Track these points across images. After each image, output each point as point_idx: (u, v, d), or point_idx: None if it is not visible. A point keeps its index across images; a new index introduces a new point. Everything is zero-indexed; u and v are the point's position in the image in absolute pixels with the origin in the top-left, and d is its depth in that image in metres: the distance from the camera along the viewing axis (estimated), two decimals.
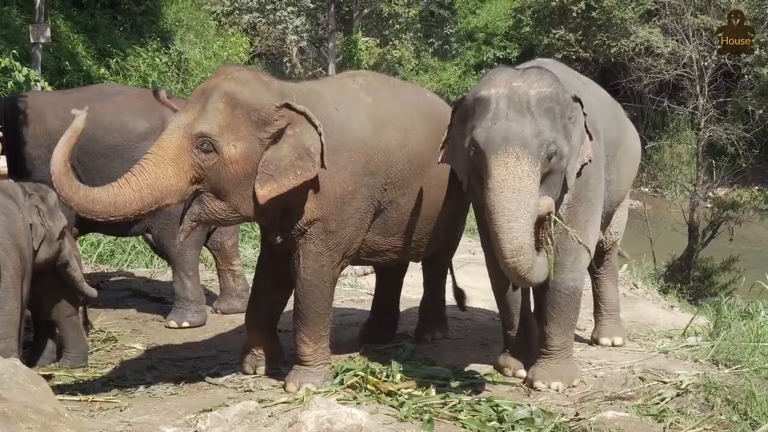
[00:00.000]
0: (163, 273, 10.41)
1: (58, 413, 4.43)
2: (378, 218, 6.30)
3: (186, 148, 5.53)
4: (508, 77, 5.66)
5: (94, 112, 7.40)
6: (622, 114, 7.09)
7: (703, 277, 17.13)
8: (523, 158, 5.35)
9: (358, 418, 4.89)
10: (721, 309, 8.36)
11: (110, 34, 18.67)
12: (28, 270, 6.04)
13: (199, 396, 6.13)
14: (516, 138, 5.39)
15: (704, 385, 5.94)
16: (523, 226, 5.30)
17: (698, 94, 18.80)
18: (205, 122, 5.54)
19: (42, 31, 12.84)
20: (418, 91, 7.21)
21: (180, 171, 5.52)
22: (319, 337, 6.19)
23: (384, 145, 6.15)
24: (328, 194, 5.91)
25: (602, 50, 30.04)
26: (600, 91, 6.92)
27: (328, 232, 5.98)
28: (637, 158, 7.35)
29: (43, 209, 6.29)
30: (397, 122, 6.27)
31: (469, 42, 36.64)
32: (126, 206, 5.41)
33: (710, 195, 19.30)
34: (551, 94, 5.55)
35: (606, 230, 7.00)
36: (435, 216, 6.52)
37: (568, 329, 6.18)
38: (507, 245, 5.30)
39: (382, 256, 6.58)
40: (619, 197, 6.95)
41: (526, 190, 5.33)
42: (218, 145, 5.54)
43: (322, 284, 6.09)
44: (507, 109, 5.50)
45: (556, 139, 5.47)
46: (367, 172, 6.06)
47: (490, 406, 5.72)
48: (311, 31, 31.00)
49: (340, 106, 6.08)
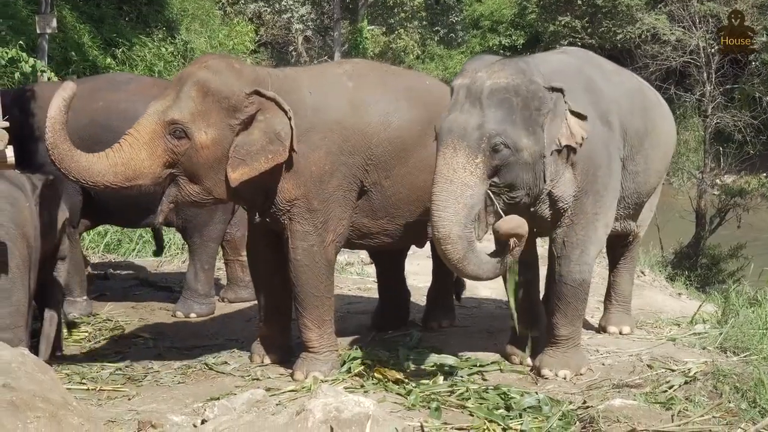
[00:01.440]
0: (170, 262, 10.43)
1: (66, 402, 4.43)
2: (362, 200, 6.38)
3: (159, 133, 5.79)
4: (477, 67, 5.77)
5: (108, 101, 7.39)
6: (652, 105, 6.87)
7: (711, 264, 17.09)
8: (459, 150, 5.48)
9: (365, 406, 4.88)
10: (729, 296, 8.36)
11: (116, 24, 18.67)
12: (35, 260, 6.04)
13: (207, 384, 6.15)
14: (456, 129, 5.52)
15: (712, 373, 5.93)
16: (451, 216, 5.42)
17: (705, 81, 18.77)
18: (178, 110, 5.79)
19: (48, 21, 12.83)
20: (414, 78, 7.23)
21: (153, 155, 5.78)
22: (322, 322, 6.26)
23: (362, 127, 6.25)
24: (304, 173, 6.06)
25: (608, 37, 29.93)
26: (628, 81, 6.76)
27: (311, 211, 6.11)
28: (669, 150, 7.16)
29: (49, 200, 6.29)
30: (377, 106, 6.35)
31: (474, 30, 36.64)
32: (99, 176, 5.68)
33: (717, 182, 19.23)
34: (507, 85, 5.58)
35: (631, 221, 6.93)
36: (425, 200, 6.52)
37: (576, 319, 6.17)
38: (435, 233, 5.49)
39: (374, 239, 6.65)
40: (648, 189, 6.81)
41: (458, 182, 5.44)
42: (190, 132, 5.78)
43: (314, 264, 6.17)
44: (464, 100, 5.62)
45: (505, 131, 5.50)
46: (344, 151, 6.18)
47: (498, 394, 5.74)
48: (317, 20, 31.01)
49: (315, 90, 6.23)
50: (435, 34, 34.08)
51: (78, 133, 7.36)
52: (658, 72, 20.47)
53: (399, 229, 6.61)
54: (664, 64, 20.50)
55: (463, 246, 5.44)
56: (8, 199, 5.83)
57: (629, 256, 7.32)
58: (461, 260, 5.47)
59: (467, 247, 5.46)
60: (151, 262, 10.43)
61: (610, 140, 6.06)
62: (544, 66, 5.98)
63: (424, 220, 6.44)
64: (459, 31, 34.76)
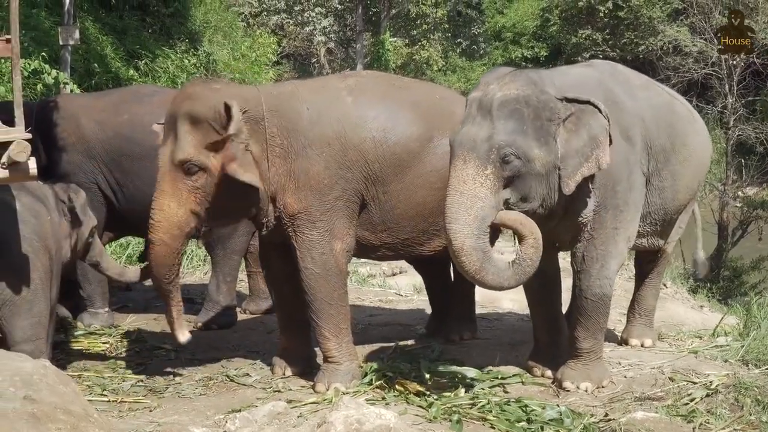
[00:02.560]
0: (192, 274, 10.44)
1: (87, 414, 4.45)
2: (363, 213, 6.42)
3: (178, 179, 6.03)
4: (490, 80, 5.80)
5: (132, 113, 7.42)
6: (681, 121, 6.73)
7: (733, 276, 17.06)
8: (469, 162, 5.50)
9: (386, 418, 4.89)
10: (751, 309, 8.30)
11: (139, 35, 18.69)
12: (57, 271, 6.07)
13: (228, 396, 6.16)
14: (466, 142, 5.55)
15: (734, 386, 5.91)
16: (462, 228, 5.44)
17: (727, 93, 18.77)
18: (180, 150, 5.98)
19: (71, 33, 12.86)
20: (423, 91, 7.08)
21: (181, 201, 6.06)
22: (339, 330, 6.29)
23: (357, 143, 6.29)
24: (304, 187, 6.15)
25: (630, 49, 29.98)
26: (656, 96, 6.64)
27: (313, 222, 6.18)
28: (701, 167, 7.01)
29: (73, 209, 6.33)
30: (375, 122, 6.38)
31: (496, 42, 36.67)
32: (156, 252, 6.17)
33: (739, 194, 19.23)
34: (517, 96, 5.58)
35: (659, 237, 6.89)
36: (425, 215, 6.55)
37: (597, 333, 6.14)
38: (449, 246, 5.51)
39: (376, 252, 6.71)
40: (676, 205, 6.71)
41: (468, 193, 5.47)
42: (201, 163, 5.99)
43: (325, 272, 6.21)
44: (476, 112, 5.64)
45: (515, 141, 5.51)
46: (342, 165, 6.24)
47: (519, 406, 5.73)
48: (339, 32, 31.07)
49: (312, 105, 6.30)
50: (457, 46, 34.15)
51: (103, 145, 7.42)
52: (680, 84, 20.46)
53: (400, 243, 6.65)
54: (686, 76, 20.51)
55: (479, 257, 5.46)
56: (31, 211, 5.87)
57: (656, 271, 7.26)
58: (478, 271, 5.48)
59: (483, 257, 5.47)
60: None
61: (630, 155, 6.03)
62: (563, 78, 5.98)
63: (428, 232, 6.51)
64: (481, 43, 34.83)
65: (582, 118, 5.68)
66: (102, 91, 10.55)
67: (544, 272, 6.00)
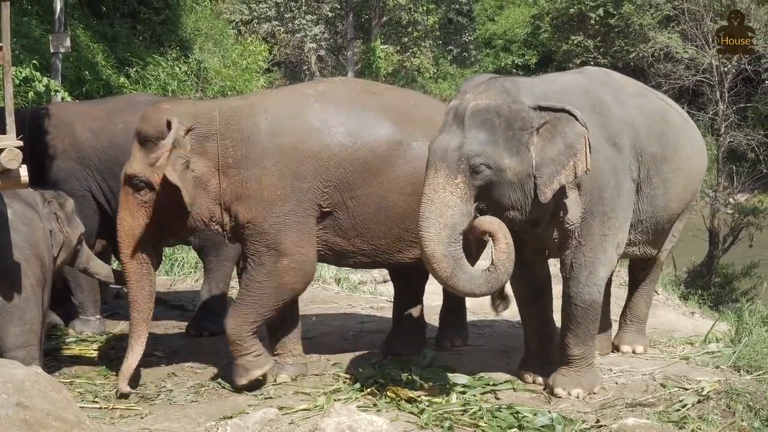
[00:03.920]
0: (183, 281, 10.43)
1: (79, 420, 4.45)
2: (328, 220, 6.44)
3: (129, 193, 6.32)
4: (467, 88, 5.85)
5: (127, 122, 7.43)
6: (674, 129, 6.67)
7: (724, 283, 17.08)
8: (440, 170, 5.57)
9: (378, 425, 4.89)
10: (742, 315, 8.32)
11: (130, 43, 18.70)
12: (49, 278, 6.08)
13: (220, 403, 6.16)
14: (439, 150, 5.62)
15: (725, 392, 5.93)
16: (433, 236, 5.51)
17: (718, 99, 18.80)
18: (129, 165, 6.33)
19: (62, 41, 12.87)
20: (397, 98, 7.00)
21: (133, 215, 6.34)
22: (244, 321, 6.38)
23: (318, 151, 6.32)
24: (256, 197, 6.25)
25: (621, 56, 30.03)
26: (649, 103, 6.60)
27: (261, 233, 6.27)
28: (695, 175, 6.95)
29: (62, 216, 6.36)
30: (341, 128, 6.41)
31: (487, 49, 36.78)
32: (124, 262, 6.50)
33: (731, 201, 19.26)
34: (488, 106, 5.62)
35: (651, 246, 6.87)
36: (397, 220, 6.52)
37: (587, 339, 6.16)
38: (422, 253, 5.60)
39: (353, 259, 6.71)
40: (668, 213, 6.68)
41: (439, 202, 5.54)
42: (146, 179, 6.23)
43: (264, 281, 6.32)
44: (452, 121, 5.70)
45: (485, 151, 5.55)
46: (298, 176, 6.28)
47: (511, 413, 5.74)
48: (330, 40, 31.01)
49: (273, 114, 6.39)
50: (448, 53, 34.18)
51: (97, 153, 7.44)
52: (671, 91, 20.47)
53: (375, 249, 6.63)
54: (677, 83, 20.53)
55: (449, 264, 5.52)
56: (23, 219, 5.88)
57: (649, 278, 7.27)
58: (450, 278, 5.56)
59: (454, 264, 5.54)
60: (164, 280, 10.43)
61: (617, 161, 6.03)
62: (547, 86, 6.00)
63: (403, 239, 6.50)
64: (472, 51, 34.88)
65: (557, 126, 5.69)
66: (96, 99, 10.56)
67: (534, 279, 6.03)
